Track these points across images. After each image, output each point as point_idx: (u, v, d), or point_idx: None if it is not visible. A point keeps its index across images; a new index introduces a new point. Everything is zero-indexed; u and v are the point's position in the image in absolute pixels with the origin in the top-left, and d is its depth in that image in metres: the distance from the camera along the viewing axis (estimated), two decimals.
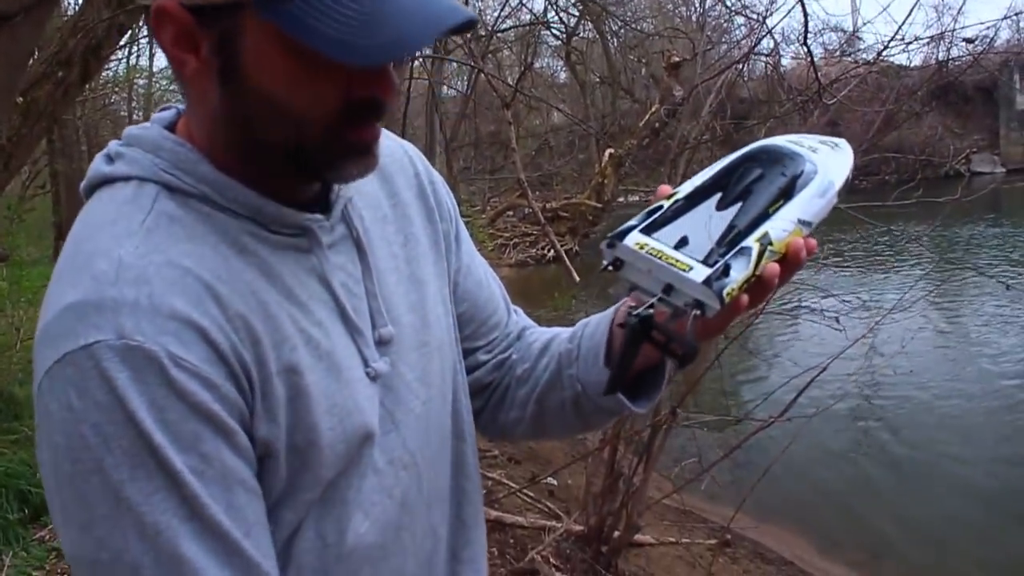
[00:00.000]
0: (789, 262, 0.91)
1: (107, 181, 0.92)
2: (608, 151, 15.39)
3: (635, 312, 0.89)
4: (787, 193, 0.94)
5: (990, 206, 17.56)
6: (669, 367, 1.08)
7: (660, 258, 0.87)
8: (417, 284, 1.07)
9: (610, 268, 0.91)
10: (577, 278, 5.30)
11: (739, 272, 0.87)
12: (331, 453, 0.91)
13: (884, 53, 5.56)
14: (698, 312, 0.85)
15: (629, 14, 17.09)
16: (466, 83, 15.91)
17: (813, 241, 0.94)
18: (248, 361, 0.85)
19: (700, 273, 0.85)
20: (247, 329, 0.86)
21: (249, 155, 0.91)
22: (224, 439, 0.83)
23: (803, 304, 5.78)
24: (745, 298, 0.89)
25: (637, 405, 1.08)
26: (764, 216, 0.91)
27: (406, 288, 1.05)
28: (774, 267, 0.90)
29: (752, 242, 0.88)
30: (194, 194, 0.89)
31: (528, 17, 13.03)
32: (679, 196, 0.94)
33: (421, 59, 7.58)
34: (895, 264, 10.75)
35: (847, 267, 10.21)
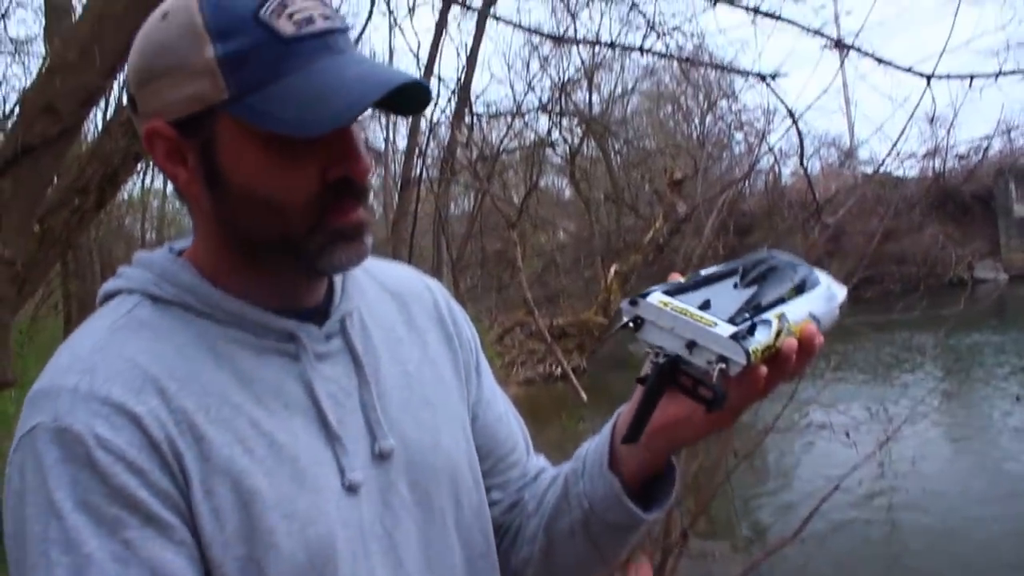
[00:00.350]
0: (803, 348, 0.91)
1: (107, 297, 0.99)
2: (613, 267, 15.54)
3: (659, 359, 0.89)
4: (799, 289, 0.96)
5: (995, 313, 17.58)
6: (678, 471, 1.07)
7: (684, 315, 0.86)
8: (430, 406, 1.07)
9: (630, 326, 0.90)
10: (584, 396, 5.30)
11: (763, 336, 0.87)
12: (291, 561, 0.89)
13: (885, 163, 5.68)
14: (723, 366, 0.84)
15: (631, 132, 17.51)
16: (472, 203, 16.23)
17: (822, 338, 0.94)
18: (185, 455, 0.86)
19: (726, 329, 0.85)
20: (190, 425, 0.87)
21: (246, 256, 0.97)
22: (156, 531, 0.84)
23: (813, 420, 5.75)
24: (764, 370, 0.89)
25: (648, 513, 1.05)
26: (781, 300, 0.92)
27: (417, 408, 1.05)
28: (792, 342, 0.90)
29: (772, 316, 0.89)
30: (174, 302, 0.95)
31: (533, 137, 13.37)
32: (698, 274, 0.96)
33: (428, 181, 7.77)
34: (904, 375, 10.71)
35: (855, 380, 10.17)
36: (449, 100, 7.14)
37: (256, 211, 0.92)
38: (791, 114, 3.62)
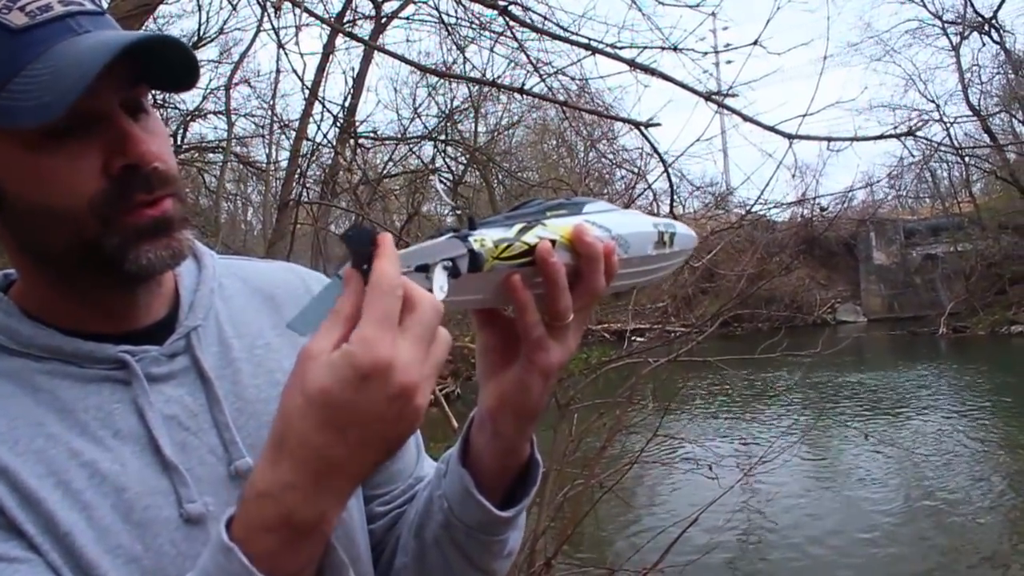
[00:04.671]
0: (580, 251, 0.86)
1: None
2: None
3: None
4: (572, 212, 0.89)
5: (854, 353, 18.43)
6: (541, 468, 1.01)
7: (411, 248, 0.77)
8: None
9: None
10: (456, 424, 5.31)
11: (494, 231, 0.80)
12: None
13: (753, 210, 5.92)
14: (447, 263, 0.76)
15: (515, 163, 17.71)
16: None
17: (609, 244, 0.87)
18: None
19: (447, 235, 0.78)
20: None
21: (56, 276, 0.92)
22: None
23: (679, 454, 5.91)
24: (517, 277, 0.82)
25: (504, 510, 0.98)
26: (536, 216, 0.86)
27: None
28: (546, 244, 0.83)
29: (514, 223, 0.83)
30: None
31: (417, 163, 13.38)
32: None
33: (308, 203, 7.69)
34: (766, 411, 11.11)
35: (721, 415, 10.50)
36: (333, 124, 7.10)
37: (40, 221, 0.87)
38: (663, 161, 3.76)
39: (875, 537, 7.90)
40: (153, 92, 0.96)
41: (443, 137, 12.08)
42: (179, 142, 13.14)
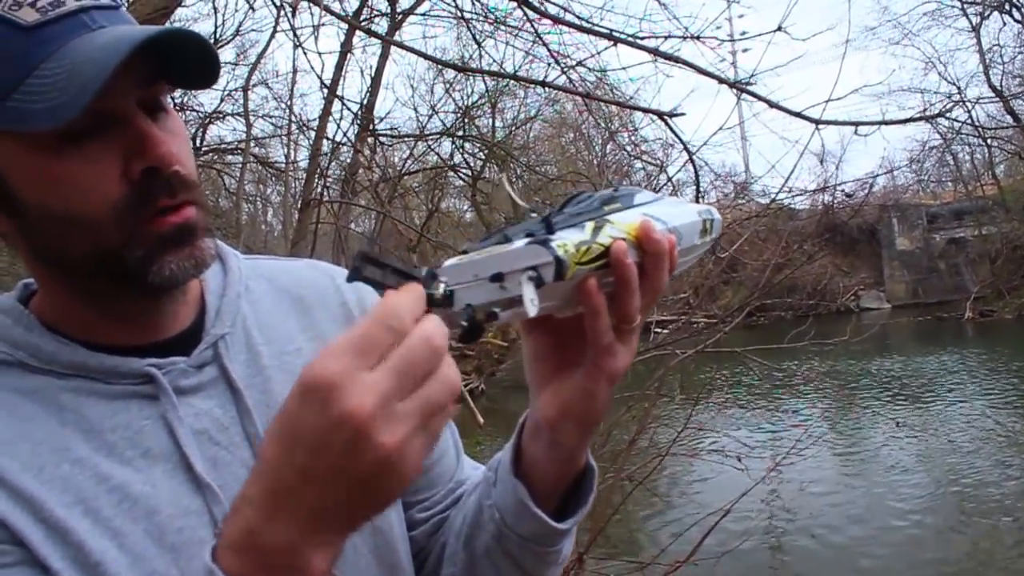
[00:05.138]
0: (648, 249, 0.81)
1: None
2: None
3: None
4: (623, 206, 0.85)
5: (879, 340, 18.30)
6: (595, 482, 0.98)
7: (480, 256, 0.73)
8: None
9: (448, 304, 0.71)
10: (481, 420, 5.30)
11: (572, 234, 0.75)
12: None
13: (777, 198, 5.88)
14: (532, 274, 0.71)
15: (533, 157, 17.67)
16: (374, 224, 16.12)
17: (672, 239, 0.83)
18: (8, 518, 0.78)
19: (523, 241, 0.73)
20: (14, 488, 0.79)
21: (76, 287, 0.88)
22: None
23: (707, 446, 5.87)
24: (594, 282, 0.77)
25: (561, 521, 0.95)
26: (598, 212, 0.81)
27: None
28: (621, 244, 0.78)
29: (585, 222, 0.78)
30: (10, 362, 0.86)
31: (435, 160, 13.37)
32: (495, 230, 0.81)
33: (329, 201, 7.69)
34: (794, 401, 11.03)
35: (748, 406, 10.43)
36: (352, 122, 7.10)
37: (60, 230, 0.83)
38: (688, 150, 3.73)
39: (905, 525, 7.84)
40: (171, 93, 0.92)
41: (461, 133, 12.06)
42: (198, 145, 13.21)
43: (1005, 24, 25.41)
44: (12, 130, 0.80)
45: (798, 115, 3.41)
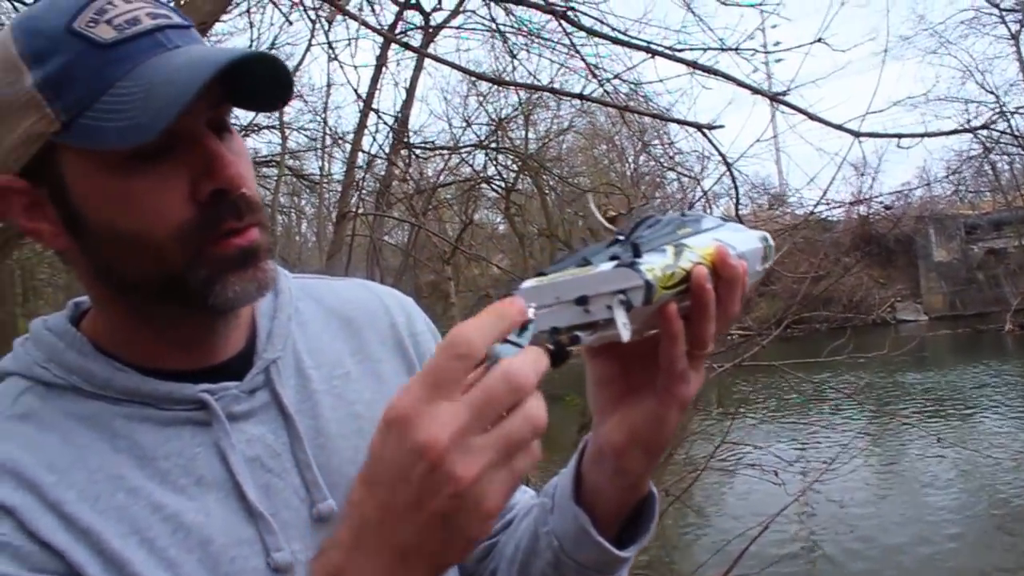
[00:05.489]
0: (722, 272, 0.80)
1: (2, 375, 0.89)
2: None
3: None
4: (694, 230, 0.84)
5: (916, 353, 18.08)
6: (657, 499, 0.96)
7: (561, 278, 0.71)
8: None
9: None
10: None
11: (657, 258, 0.74)
12: None
13: (815, 210, 5.83)
14: (622, 297, 0.69)
15: (567, 169, 17.66)
16: (407, 236, 16.22)
17: (744, 264, 0.82)
18: (67, 551, 0.77)
19: (609, 264, 0.72)
20: (70, 518, 0.79)
21: (135, 308, 0.88)
22: None
23: (743, 460, 5.82)
24: (675, 307, 0.77)
25: (623, 549, 0.93)
26: (673, 236, 0.80)
27: None
28: (702, 269, 0.77)
29: (665, 246, 0.77)
30: (63, 386, 0.86)
31: (469, 172, 13.41)
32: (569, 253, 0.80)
33: (364, 214, 7.73)
34: (830, 415, 10.92)
35: (785, 420, 10.35)
36: (387, 135, 7.13)
37: (124, 250, 0.82)
38: (727, 162, 3.70)
39: (943, 541, 7.73)
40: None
41: (494, 145, 12.07)
42: None
43: None
44: (83, 147, 0.79)
45: (839, 127, 3.38)
